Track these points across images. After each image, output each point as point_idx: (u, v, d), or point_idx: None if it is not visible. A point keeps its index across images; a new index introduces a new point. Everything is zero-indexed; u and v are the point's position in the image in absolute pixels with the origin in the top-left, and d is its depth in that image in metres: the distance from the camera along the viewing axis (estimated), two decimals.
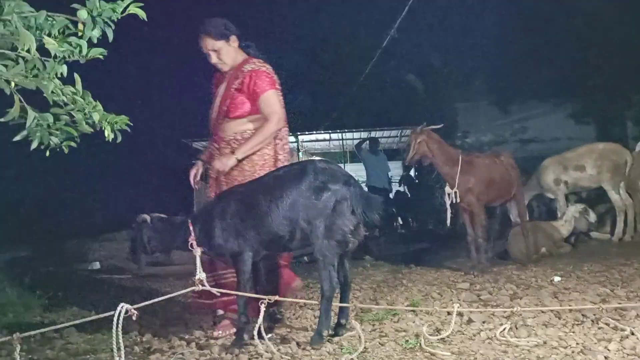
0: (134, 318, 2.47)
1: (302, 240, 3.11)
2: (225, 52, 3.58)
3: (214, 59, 3.59)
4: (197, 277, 3.07)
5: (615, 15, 12.82)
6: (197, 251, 3.16)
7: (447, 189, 5.65)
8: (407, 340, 3.02)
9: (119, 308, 2.40)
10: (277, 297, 3.11)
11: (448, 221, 5.83)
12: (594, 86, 14.21)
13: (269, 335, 3.11)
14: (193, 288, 3.04)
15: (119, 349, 2.31)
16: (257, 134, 3.50)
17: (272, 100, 3.54)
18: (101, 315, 2.37)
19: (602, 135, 14.24)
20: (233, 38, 3.61)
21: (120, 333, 2.38)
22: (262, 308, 2.94)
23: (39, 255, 7.97)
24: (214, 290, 3.24)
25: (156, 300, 3.15)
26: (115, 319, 2.36)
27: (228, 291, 3.26)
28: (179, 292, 3.27)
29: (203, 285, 3.08)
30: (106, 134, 2.26)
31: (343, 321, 3.31)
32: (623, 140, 12.43)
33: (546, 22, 14.38)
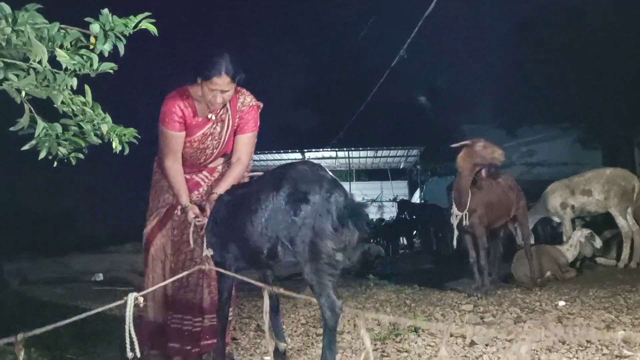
0: (140, 306, 2.30)
1: (286, 256, 2.59)
2: (231, 93, 3.19)
3: (219, 99, 3.12)
4: (204, 253, 2.75)
5: (623, 41, 12.89)
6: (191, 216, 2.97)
7: (455, 210, 5.59)
8: None
9: (130, 297, 2.21)
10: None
11: (455, 243, 5.75)
12: (602, 111, 14.23)
13: None
14: (200, 267, 2.75)
15: (131, 341, 2.13)
16: (232, 174, 3.24)
17: (252, 142, 3.38)
18: (112, 305, 2.22)
19: (609, 160, 14.22)
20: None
21: (132, 324, 2.18)
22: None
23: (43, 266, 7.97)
24: (222, 271, 2.77)
25: (161, 284, 3.07)
26: (127, 309, 2.18)
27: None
28: (185, 273, 2.89)
29: (210, 263, 2.79)
30: (114, 146, 2.27)
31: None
32: (630, 165, 12.40)
33: (555, 48, 14.47)
